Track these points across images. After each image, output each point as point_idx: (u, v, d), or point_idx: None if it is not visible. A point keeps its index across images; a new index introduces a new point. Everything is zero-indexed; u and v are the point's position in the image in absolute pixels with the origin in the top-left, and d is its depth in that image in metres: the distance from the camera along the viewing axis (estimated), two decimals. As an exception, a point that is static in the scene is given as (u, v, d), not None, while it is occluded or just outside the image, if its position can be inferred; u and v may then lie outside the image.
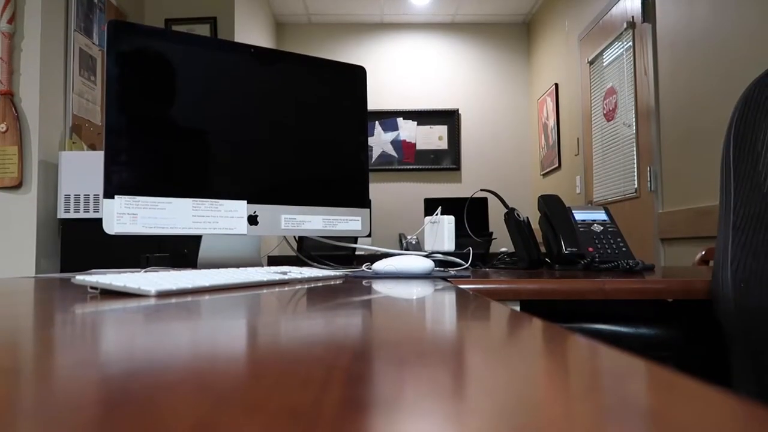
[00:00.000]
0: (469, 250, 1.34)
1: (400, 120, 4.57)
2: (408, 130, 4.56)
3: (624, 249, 1.22)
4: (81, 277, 0.62)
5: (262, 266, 1.10)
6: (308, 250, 1.42)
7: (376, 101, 4.58)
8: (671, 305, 0.97)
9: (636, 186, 2.78)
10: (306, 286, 0.71)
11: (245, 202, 1.06)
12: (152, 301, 0.51)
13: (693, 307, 0.95)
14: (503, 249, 1.94)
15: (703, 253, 1.75)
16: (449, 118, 4.57)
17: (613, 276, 0.90)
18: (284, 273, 0.83)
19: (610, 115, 3.11)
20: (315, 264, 1.29)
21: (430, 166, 4.53)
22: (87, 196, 2.03)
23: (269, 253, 1.85)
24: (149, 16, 3.02)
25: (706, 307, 0.88)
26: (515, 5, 4.38)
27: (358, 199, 1.20)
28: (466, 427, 0.15)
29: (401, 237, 3.84)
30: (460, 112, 4.60)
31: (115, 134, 0.97)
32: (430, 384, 0.20)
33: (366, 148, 1.25)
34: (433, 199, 3.28)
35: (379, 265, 0.95)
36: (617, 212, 2.97)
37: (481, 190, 1.40)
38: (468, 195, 4.31)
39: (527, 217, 1.38)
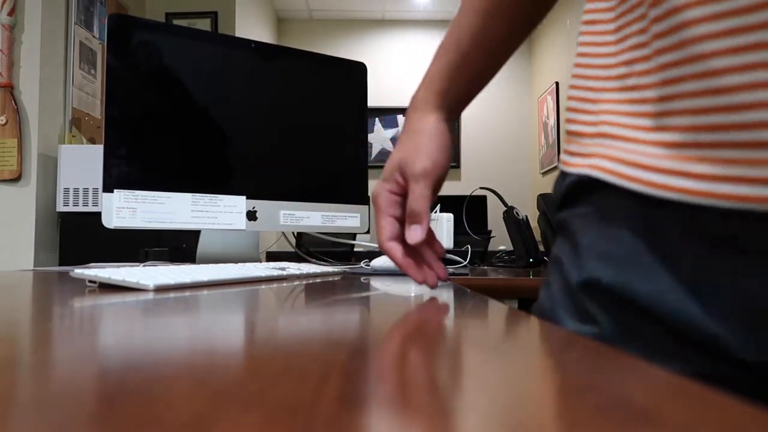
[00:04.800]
0: (468, 248, 1.34)
1: (400, 117, 4.57)
2: (408, 127, 4.56)
3: (622, 248, 1.22)
4: (79, 271, 0.62)
5: (261, 262, 1.10)
6: (307, 246, 1.42)
7: (376, 98, 4.57)
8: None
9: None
10: (304, 282, 0.72)
11: (244, 197, 1.06)
12: (150, 296, 0.51)
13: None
14: (502, 247, 1.94)
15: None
16: (449, 115, 4.57)
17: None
18: (282, 269, 0.83)
19: (610, 115, 3.11)
20: (313, 260, 1.29)
21: (429, 164, 4.53)
22: (86, 190, 2.02)
23: (268, 249, 1.85)
24: (150, 10, 3.01)
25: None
26: (517, 3, 4.36)
27: (358, 195, 1.20)
28: (462, 424, 0.15)
29: (400, 234, 3.82)
30: (460, 109, 4.60)
31: (115, 128, 0.97)
32: (428, 380, 0.20)
33: (366, 145, 1.25)
34: (432, 196, 3.25)
35: (378, 262, 0.95)
36: (616, 212, 2.97)
37: (481, 188, 1.40)
38: (467, 193, 4.30)
39: (526, 216, 1.38)
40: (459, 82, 0.56)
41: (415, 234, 0.52)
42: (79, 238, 2.04)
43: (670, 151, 0.35)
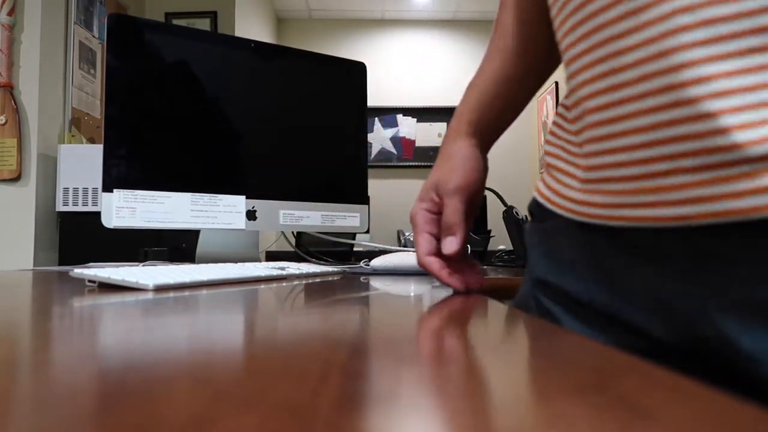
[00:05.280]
0: (468, 247, 1.34)
1: (399, 116, 4.57)
2: (407, 127, 4.56)
3: (622, 248, 1.22)
4: (79, 271, 0.62)
5: (260, 261, 1.10)
6: (306, 246, 1.42)
7: (375, 97, 4.57)
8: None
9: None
10: (303, 282, 0.72)
11: (244, 197, 1.06)
12: (150, 295, 0.51)
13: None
14: (501, 247, 1.94)
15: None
16: (449, 115, 4.55)
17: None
18: (282, 268, 0.83)
19: (609, 114, 3.11)
20: (313, 260, 1.29)
21: (429, 163, 4.52)
22: (86, 190, 2.02)
23: (267, 249, 1.85)
24: (150, 10, 3.01)
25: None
26: (516, 3, 4.36)
27: (357, 195, 1.21)
28: (461, 424, 0.15)
29: (399, 234, 3.83)
30: (460, 109, 4.59)
31: (115, 128, 0.97)
32: (427, 380, 0.20)
33: (365, 145, 1.25)
34: (432, 196, 3.24)
35: (377, 262, 0.95)
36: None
37: (480, 187, 1.39)
38: (467, 192, 4.27)
39: (526, 216, 1.38)
40: (488, 117, 0.62)
41: (450, 245, 0.56)
42: (78, 237, 2.04)
43: (582, 185, 0.45)
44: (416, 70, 4.64)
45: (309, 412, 0.16)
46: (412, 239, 1.99)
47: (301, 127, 1.15)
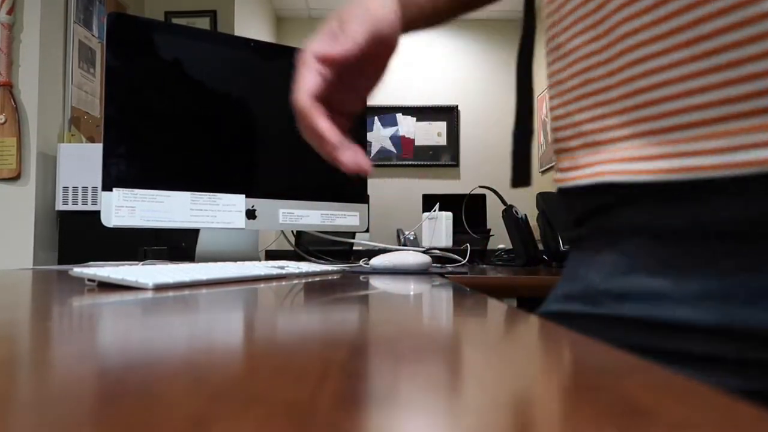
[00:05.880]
0: (467, 246, 1.34)
1: (399, 116, 4.57)
2: (407, 126, 4.56)
3: (622, 247, 1.22)
4: (79, 270, 0.62)
5: (260, 260, 1.10)
6: (306, 245, 1.42)
7: (375, 97, 4.56)
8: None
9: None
10: (303, 281, 0.72)
11: (243, 196, 1.06)
12: (149, 294, 0.51)
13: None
14: (501, 246, 1.94)
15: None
16: (448, 114, 4.57)
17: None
18: (282, 267, 0.83)
19: (609, 114, 3.10)
20: (312, 259, 1.29)
21: (428, 162, 4.53)
22: (85, 189, 2.02)
23: (267, 248, 1.85)
24: (149, 9, 3.01)
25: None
26: (516, 1, 4.37)
27: (357, 194, 1.20)
28: (462, 424, 0.15)
29: (399, 233, 3.83)
30: (459, 108, 4.60)
31: (114, 127, 0.97)
32: (426, 380, 0.20)
33: (365, 144, 1.25)
34: (431, 195, 3.27)
35: (377, 261, 0.95)
36: (615, 210, 2.96)
37: (480, 186, 1.40)
38: (466, 191, 4.29)
39: (525, 215, 1.38)
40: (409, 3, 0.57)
41: (343, 44, 0.46)
42: (78, 236, 2.04)
43: (640, 141, 0.36)
44: (416, 69, 4.64)
45: (309, 412, 0.16)
46: (412, 238, 1.99)
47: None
